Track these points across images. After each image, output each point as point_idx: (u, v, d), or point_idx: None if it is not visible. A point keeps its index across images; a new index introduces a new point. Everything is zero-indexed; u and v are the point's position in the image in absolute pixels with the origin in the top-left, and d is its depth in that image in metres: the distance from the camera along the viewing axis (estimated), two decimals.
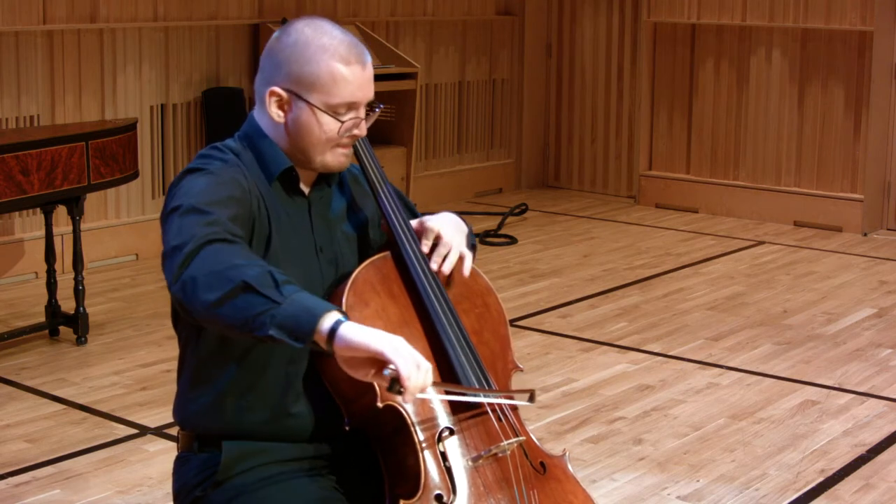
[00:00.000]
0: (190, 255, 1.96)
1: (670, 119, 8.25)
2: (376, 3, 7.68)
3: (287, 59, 2.21)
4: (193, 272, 1.95)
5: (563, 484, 2.28)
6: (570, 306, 5.79)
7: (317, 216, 2.31)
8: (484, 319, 2.36)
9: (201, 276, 1.94)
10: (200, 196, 2.08)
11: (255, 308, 1.91)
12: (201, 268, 1.95)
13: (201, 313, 1.95)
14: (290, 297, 1.92)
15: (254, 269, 1.94)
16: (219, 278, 1.93)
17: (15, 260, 6.00)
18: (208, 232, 1.99)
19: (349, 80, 2.19)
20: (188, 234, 1.99)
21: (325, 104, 2.20)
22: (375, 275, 2.26)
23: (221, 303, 1.92)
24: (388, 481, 2.19)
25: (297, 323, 1.90)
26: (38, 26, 6.03)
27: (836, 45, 7.53)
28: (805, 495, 3.70)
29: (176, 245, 1.99)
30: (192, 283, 1.94)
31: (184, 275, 1.95)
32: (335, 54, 2.19)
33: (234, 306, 1.92)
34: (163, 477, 3.70)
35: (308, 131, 2.22)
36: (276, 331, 1.90)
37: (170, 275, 1.98)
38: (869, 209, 7.49)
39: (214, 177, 2.15)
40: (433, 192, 8.03)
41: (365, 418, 2.19)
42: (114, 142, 5.06)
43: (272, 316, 1.90)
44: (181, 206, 2.06)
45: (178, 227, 2.03)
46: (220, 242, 1.98)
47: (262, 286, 1.92)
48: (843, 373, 4.84)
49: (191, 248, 1.96)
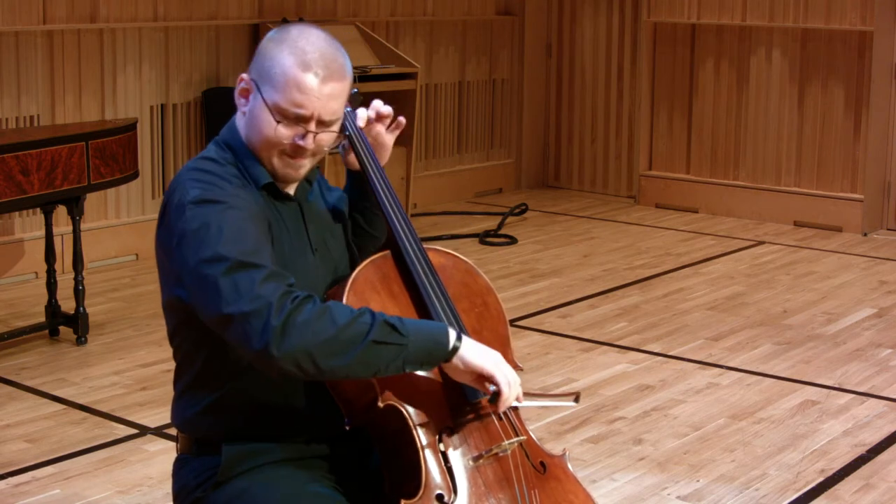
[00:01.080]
0: (282, 328, 1.99)
1: (670, 119, 8.25)
2: (376, 3, 7.68)
3: (262, 51, 2.21)
4: (300, 345, 2.00)
5: (563, 483, 2.28)
6: (570, 306, 5.79)
7: (307, 215, 2.31)
8: (484, 319, 2.36)
9: (314, 347, 2.01)
10: (238, 242, 2.06)
11: (386, 357, 2.07)
12: (308, 340, 2.00)
13: (323, 376, 2.07)
14: (412, 335, 2.08)
15: (365, 323, 2.05)
16: (338, 345, 2.02)
17: (15, 260, 6.00)
18: (280, 294, 2.02)
19: (301, 88, 2.15)
20: (256, 298, 2.00)
21: (272, 102, 2.17)
22: (375, 274, 2.26)
23: (351, 364, 2.05)
24: (389, 481, 2.19)
25: (430, 356, 2.12)
26: (38, 26, 6.03)
27: (836, 45, 7.53)
28: (805, 495, 3.70)
29: (250, 312, 2.00)
30: (307, 356, 2.01)
31: (286, 350, 1.99)
32: (299, 58, 2.15)
33: (364, 363, 2.05)
34: (163, 477, 3.70)
35: (256, 126, 2.21)
36: (410, 367, 2.10)
37: (260, 346, 1.99)
38: (869, 209, 7.49)
39: (234, 210, 2.11)
40: (433, 192, 8.03)
41: (366, 418, 2.19)
42: (114, 142, 5.06)
43: (404, 359, 2.08)
44: (226, 259, 2.03)
45: (234, 288, 2.02)
46: (303, 305, 2.02)
47: (387, 336, 2.05)
48: (843, 373, 4.84)
49: (280, 321, 1.99)
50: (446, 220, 7.67)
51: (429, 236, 6.98)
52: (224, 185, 2.16)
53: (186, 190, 2.14)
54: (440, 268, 2.33)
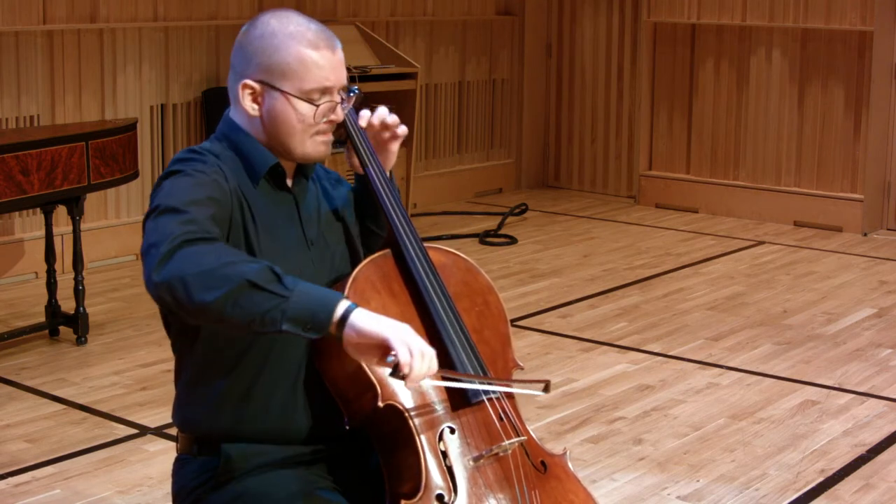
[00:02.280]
0: (169, 254, 1.94)
1: (670, 119, 8.25)
2: (376, 3, 7.68)
3: (256, 51, 2.21)
4: (179, 272, 1.93)
5: (563, 483, 2.28)
6: (570, 306, 5.79)
7: (303, 209, 2.31)
8: (484, 318, 2.35)
9: (190, 276, 1.93)
10: (178, 196, 2.06)
11: (263, 305, 1.92)
12: (187, 267, 1.93)
13: (196, 313, 1.95)
14: (297, 290, 1.94)
15: (251, 266, 1.94)
16: (213, 277, 1.92)
17: (15, 260, 6.00)
18: (186, 230, 1.98)
19: (320, 65, 2.19)
20: (165, 233, 1.98)
21: (298, 90, 2.19)
22: (376, 272, 2.26)
23: (223, 302, 1.92)
24: (389, 481, 2.19)
25: (312, 315, 1.94)
26: (38, 26, 6.03)
27: (836, 45, 7.53)
28: (805, 495, 3.70)
29: (152, 243, 1.98)
30: (180, 283, 1.93)
31: (165, 274, 1.93)
32: (303, 40, 2.19)
33: (237, 305, 1.92)
34: (163, 477, 3.70)
35: (284, 120, 2.21)
36: (289, 324, 1.93)
37: (148, 272, 1.96)
38: (869, 209, 7.49)
39: (192, 178, 2.13)
40: (433, 192, 8.03)
41: (365, 418, 2.19)
42: (114, 142, 5.06)
43: (283, 311, 1.93)
44: (158, 207, 2.05)
45: (153, 227, 2.01)
46: (200, 242, 1.97)
47: (266, 282, 1.93)
48: (843, 373, 4.84)
49: (168, 247, 1.95)
50: (446, 220, 7.67)
51: (429, 236, 6.98)
52: (196, 164, 2.17)
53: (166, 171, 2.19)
54: (441, 266, 2.32)
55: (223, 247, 1.99)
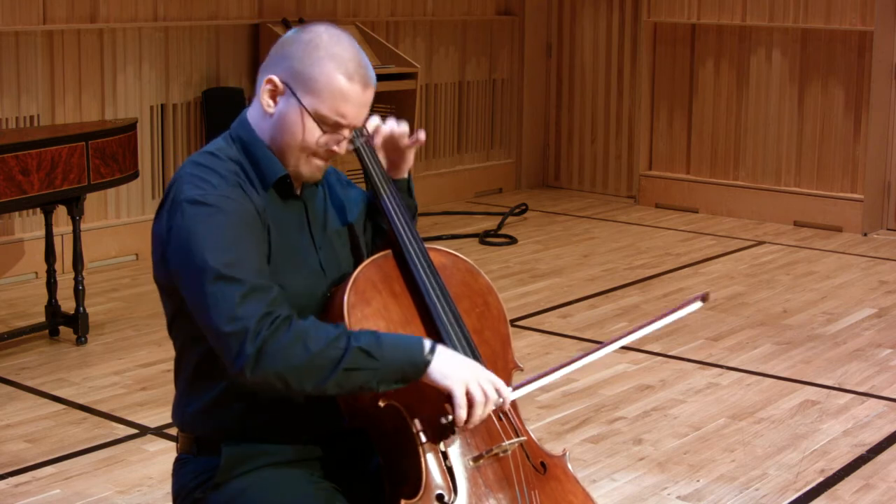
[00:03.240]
0: (256, 355, 2.02)
1: (670, 119, 8.25)
2: (376, 3, 7.68)
3: (294, 54, 2.19)
4: (273, 371, 2.04)
5: (563, 484, 2.28)
6: (570, 306, 5.79)
7: (312, 214, 2.31)
8: (485, 318, 2.36)
9: (287, 373, 2.05)
10: (221, 252, 2.07)
11: (359, 381, 2.09)
12: (280, 365, 2.04)
13: (300, 395, 2.13)
14: (385, 358, 2.08)
15: (339, 349, 2.06)
16: (310, 372, 2.06)
17: (15, 260, 6.00)
18: (259, 316, 2.03)
19: (346, 97, 2.17)
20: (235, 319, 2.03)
21: (314, 110, 2.18)
22: (377, 273, 2.26)
23: (323, 388, 2.08)
24: (389, 481, 2.19)
25: (405, 375, 2.11)
26: (38, 26, 6.03)
27: (836, 45, 7.53)
28: (805, 495, 3.70)
29: (229, 333, 2.03)
30: (279, 379, 2.06)
31: (261, 374, 2.04)
32: (342, 66, 2.16)
33: (339, 386, 2.08)
34: (163, 477, 3.70)
35: (289, 131, 2.20)
36: (384, 386, 2.11)
37: (236, 367, 2.04)
38: (869, 209, 7.49)
39: (223, 214, 2.11)
40: (433, 192, 8.03)
41: (366, 418, 2.19)
42: (114, 142, 5.06)
43: (378, 382, 2.10)
44: (209, 271, 2.06)
45: (215, 302, 2.05)
46: (279, 331, 2.04)
47: (359, 364, 2.07)
48: (843, 373, 4.84)
49: (255, 348, 2.02)
50: (446, 220, 7.67)
51: (429, 236, 6.98)
52: (220, 183, 2.15)
53: (183, 187, 2.15)
54: (441, 267, 2.33)
55: (300, 330, 2.06)
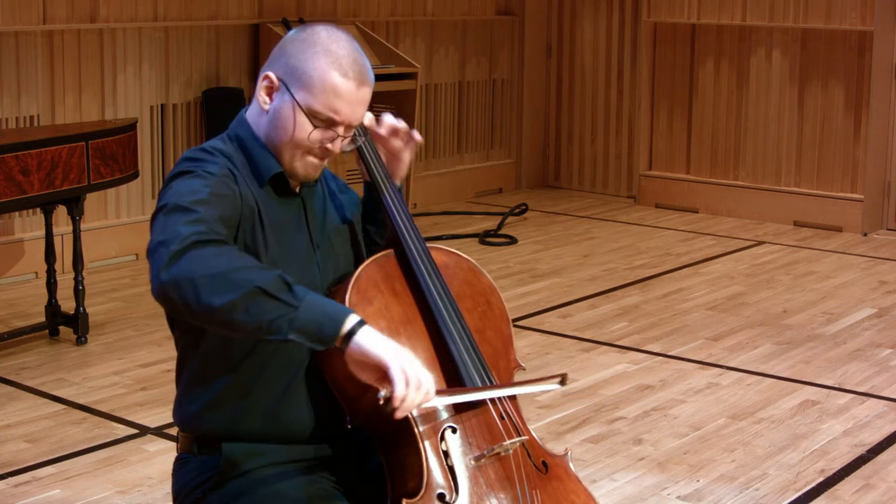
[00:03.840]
0: (178, 254, 1.94)
1: (670, 119, 8.25)
2: (376, 3, 7.68)
3: (291, 51, 2.21)
4: (187, 273, 1.93)
5: (564, 483, 2.28)
6: (570, 306, 5.79)
7: (310, 213, 2.31)
8: (487, 318, 2.36)
9: (199, 277, 1.92)
10: (187, 195, 2.06)
11: (271, 313, 1.94)
12: (196, 269, 1.93)
13: (202, 316, 1.95)
14: (306, 301, 1.95)
15: (262, 273, 1.95)
16: (223, 281, 1.93)
17: (15, 260, 6.00)
18: (195, 231, 1.97)
19: (338, 93, 2.17)
20: (172, 232, 1.97)
21: (307, 105, 2.18)
22: (378, 272, 2.26)
23: (232, 307, 1.93)
24: (391, 480, 2.19)
25: (320, 327, 1.96)
26: (38, 26, 6.03)
27: (836, 45, 7.53)
28: (805, 495, 3.70)
29: (161, 241, 1.97)
30: (189, 284, 1.93)
31: (174, 273, 1.93)
32: (336, 63, 2.17)
33: (246, 311, 1.93)
34: (163, 477, 3.70)
35: (283, 126, 2.21)
36: (296, 334, 1.96)
37: (155, 270, 1.95)
38: (869, 209, 7.49)
39: (202, 179, 2.12)
40: (433, 192, 8.03)
41: (367, 417, 2.19)
42: (114, 142, 5.06)
43: (290, 321, 1.95)
44: (167, 205, 2.04)
45: (162, 225, 2.01)
46: (210, 244, 1.97)
47: (277, 290, 1.94)
48: (843, 373, 4.84)
49: (178, 247, 1.94)
50: (446, 220, 7.67)
51: (429, 236, 6.98)
52: (206, 165, 2.16)
53: (175, 169, 2.17)
54: (443, 267, 2.33)
55: (233, 250, 1.99)
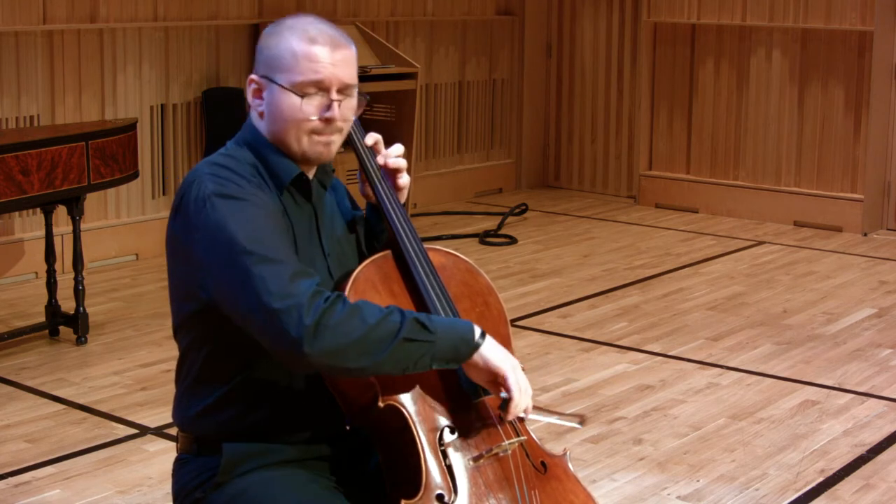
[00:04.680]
0: (314, 328, 2.00)
1: (670, 119, 8.25)
2: (376, 3, 7.68)
3: (262, 47, 2.24)
4: (334, 345, 2.02)
5: (563, 483, 2.28)
6: (570, 306, 5.79)
7: (322, 220, 2.31)
8: (485, 319, 2.35)
9: (345, 346, 2.03)
10: (261, 239, 2.07)
11: (415, 355, 2.09)
12: (340, 340, 2.02)
13: (353, 374, 2.09)
14: (440, 332, 2.11)
15: (395, 322, 2.07)
16: (370, 344, 2.05)
17: (15, 260, 6.00)
18: (310, 293, 2.03)
19: (311, 57, 2.18)
20: (287, 296, 2.02)
21: (290, 83, 2.19)
22: (376, 273, 2.26)
23: (381, 364, 2.07)
24: (389, 481, 2.19)
25: (457, 352, 2.13)
26: (38, 26, 6.03)
27: (836, 45, 7.53)
28: (805, 495, 3.70)
29: (282, 309, 2.01)
30: (339, 356, 2.03)
31: (320, 348, 2.01)
32: (301, 35, 2.19)
33: (394, 361, 2.08)
34: (163, 477, 3.70)
35: (279, 113, 2.21)
36: (437, 363, 2.12)
37: (292, 344, 2.01)
38: (869, 209, 7.49)
39: (256, 209, 2.12)
40: (433, 192, 8.03)
41: (366, 418, 2.19)
42: (114, 142, 5.06)
43: (432, 355, 2.11)
44: (251, 254, 2.05)
45: (262, 282, 2.03)
46: (334, 306, 2.03)
47: (417, 335, 2.08)
48: (843, 373, 4.84)
49: (312, 321, 2.00)
50: (446, 220, 7.67)
51: (429, 236, 6.98)
52: (242, 182, 2.16)
53: (205, 183, 2.15)
54: (441, 267, 2.33)
55: (354, 306, 2.06)
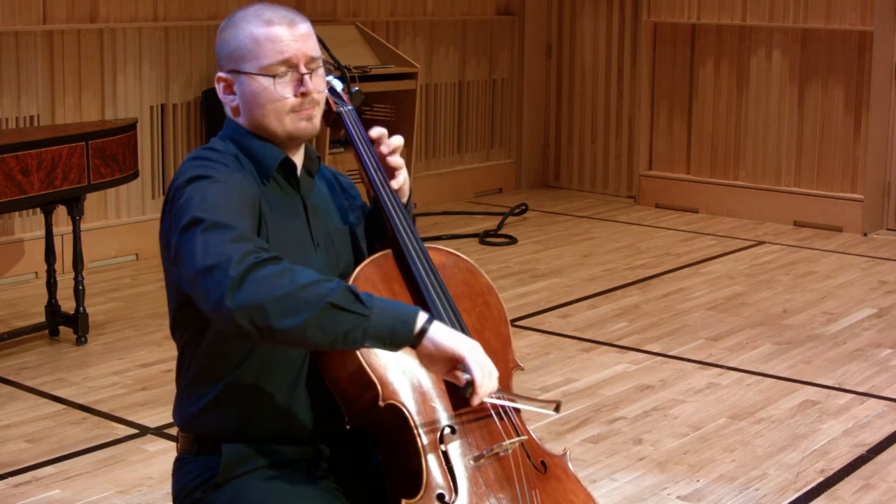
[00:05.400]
0: (238, 279, 1.94)
1: (670, 119, 8.25)
2: (376, 3, 7.68)
3: (221, 44, 2.25)
4: (254, 298, 1.94)
5: (564, 483, 2.28)
6: (570, 306, 5.79)
7: (311, 210, 2.31)
8: (485, 318, 2.36)
9: (268, 301, 1.94)
10: (217, 208, 2.05)
11: (344, 325, 1.98)
12: (261, 293, 1.94)
13: (275, 338, 1.98)
14: (375, 307, 2.01)
15: (328, 286, 1.98)
16: (293, 302, 1.95)
17: (15, 260, 6.00)
18: (244, 251, 1.98)
19: (273, 38, 2.20)
20: (221, 254, 1.97)
21: (258, 68, 2.20)
22: (377, 272, 2.26)
23: (304, 326, 1.96)
24: (390, 481, 2.19)
25: (393, 331, 2.01)
26: (38, 26, 6.03)
27: (836, 45, 7.53)
28: (805, 495, 3.70)
29: (213, 265, 1.97)
30: (259, 310, 1.94)
31: (239, 301, 1.94)
32: (255, 19, 2.21)
33: (320, 327, 1.97)
34: (163, 477, 3.70)
35: (254, 101, 2.22)
36: (371, 341, 2.01)
37: (217, 297, 1.95)
38: (869, 209, 7.49)
39: (223, 184, 2.12)
40: (433, 192, 8.03)
41: (366, 417, 2.19)
42: (114, 142, 5.06)
43: (364, 329, 1.99)
44: (202, 221, 2.03)
45: (204, 245, 2.00)
46: (266, 264, 1.97)
47: (347, 303, 1.98)
48: (843, 373, 4.84)
49: (237, 272, 1.95)
50: (446, 220, 7.67)
51: (429, 236, 6.98)
52: (219, 166, 2.18)
53: (184, 174, 2.17)
54: (441, 267, 2.33)
55: (289, 266, 2.00)
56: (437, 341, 2.03)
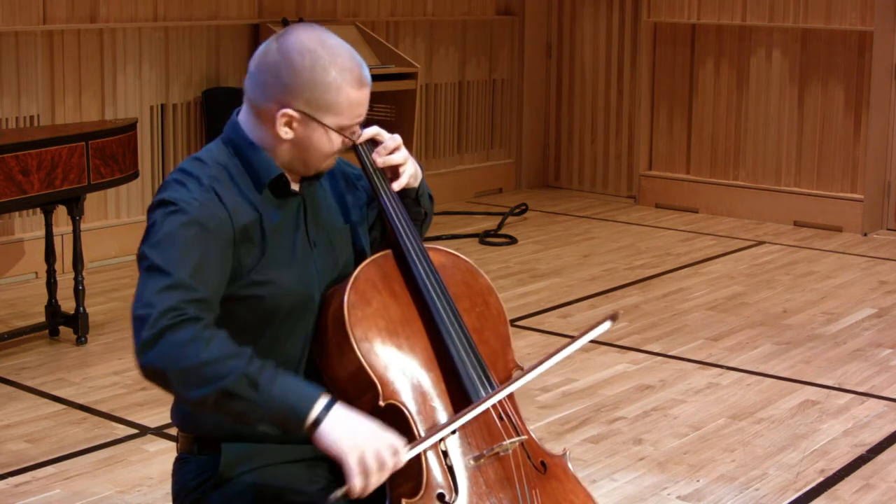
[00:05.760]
0: (153, 340, 1.99)
1: (670, 119, 8.25)
2: (376, 3, 7.68)
3: (306, 85, 2.18)
4: (159, 364, 2.00)
5: (563, 483, 2.28)
6: (570, 306, 5.79)
7: (309, 212, 2.31)
8: (484, 318, 2.36)
9: (171, 371, 2.00)
10: (165, 249, 2.07)
11: (237, 409, 2.02)
12: (168, 361, 1.99)
13: (181, 398, 2.07)
14: (268, 393, 2.00)
15: (229, 367, 1.99)
16: (194, 377, 2.00)
17: (15, 260, 6.00)
18: (168, 306, 2.01)
19: (361, 103, 2.24)
20: (148, 304, 2.02)
21: (338, 125, 2.22)
22: (377, 273, 2.26)
23: (202, 402, 2.01)
24: (390, 480, 2.18)
25: (284, 421, 2.02)
26: (38, 26, 6.03)
27: (836, 45, 7.53)
28: (805, 495, 3.70)
29: (138, 316, 2.02)
30: (162, 376, 2.01)
31: (147, 362, 2.01)
32: (351, 78, 2.21)
33: (216, 405, 2.01)
34: (163, 477, 3.70)
35: (318, 149, 2.23)
36: (265, 427, 2.04)
37: (135, 348, 2.02)
38: (869, 209, 7.49)
39: (180, 214, 2.11)
40: (433, 192, 7.99)
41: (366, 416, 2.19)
42: (114, 142, 5.06)
43: (258, 418, 2.03)
44: (146, 259, 2.08)
45: (140, 290, 2.05)
46: (182, 326, 2.00)
47: (242, 390, 2.00)
48: (843, 373, 4.84)
49: (153, 332, 1.99)
50: (446, 220, 7.67)
51: (429, 236, 6.93)
52: (195, 187, 2.16)
53: (161, 191, 2.19)
54: (441, 267, 2.33)
55: (204, 334, 2.01)
56: (324, 440, 2.01)
